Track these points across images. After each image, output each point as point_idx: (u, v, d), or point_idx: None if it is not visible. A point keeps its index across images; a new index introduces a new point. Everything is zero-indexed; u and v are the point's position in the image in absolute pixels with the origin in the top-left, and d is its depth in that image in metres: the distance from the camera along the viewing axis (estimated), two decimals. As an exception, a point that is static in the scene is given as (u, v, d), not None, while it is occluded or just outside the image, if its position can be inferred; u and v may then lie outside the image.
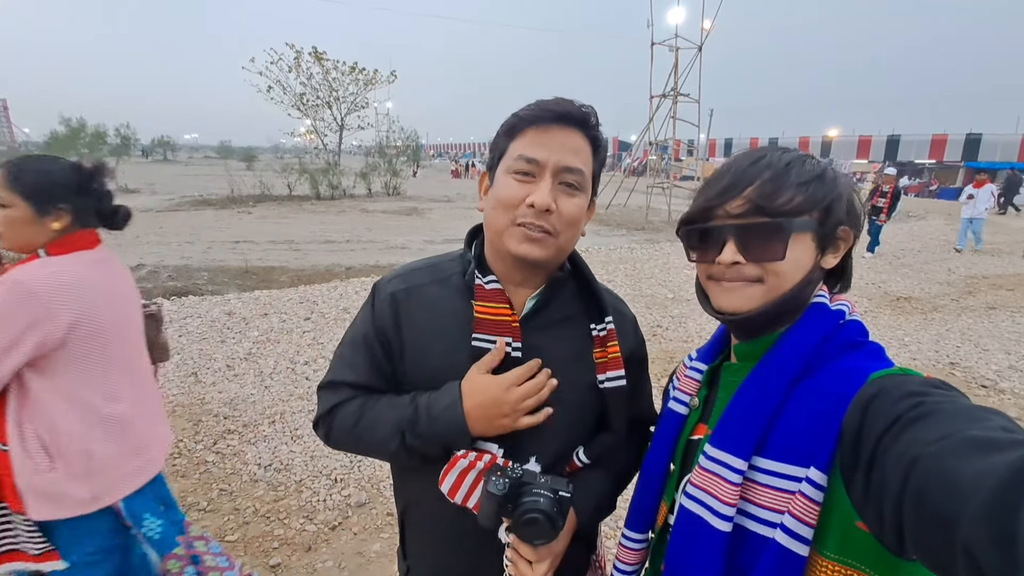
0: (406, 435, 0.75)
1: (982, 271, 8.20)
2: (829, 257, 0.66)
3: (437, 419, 0.74)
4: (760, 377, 0.62)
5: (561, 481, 0.71)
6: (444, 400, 0.75)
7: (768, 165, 0.63)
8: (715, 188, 0.66)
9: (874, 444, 0.49)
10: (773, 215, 0.62)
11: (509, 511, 0.69)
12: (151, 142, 52.15)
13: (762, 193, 0.62)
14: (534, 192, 0.72)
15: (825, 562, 0.55)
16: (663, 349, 4.51)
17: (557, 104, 0.74)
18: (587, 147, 0.76)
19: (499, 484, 0.67)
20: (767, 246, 0.62)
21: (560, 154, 0.73)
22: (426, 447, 0.75)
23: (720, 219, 0.65)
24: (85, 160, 1.33)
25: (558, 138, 0.74)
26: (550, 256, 0.76)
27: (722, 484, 0.60)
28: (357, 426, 0.79)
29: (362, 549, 2.19)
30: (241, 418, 3.17)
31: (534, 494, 0.68)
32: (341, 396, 0.82)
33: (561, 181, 0.74)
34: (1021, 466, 0.36)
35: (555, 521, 0.67)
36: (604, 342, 0.81)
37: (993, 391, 3.89)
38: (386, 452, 0.78)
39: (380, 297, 0.83)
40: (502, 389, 0.73)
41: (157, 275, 6.30)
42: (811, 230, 0.63)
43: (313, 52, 21.35)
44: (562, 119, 0.74)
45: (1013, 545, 0.33)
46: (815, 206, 0.62)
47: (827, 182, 0.64)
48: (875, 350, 0.62)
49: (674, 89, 14.08)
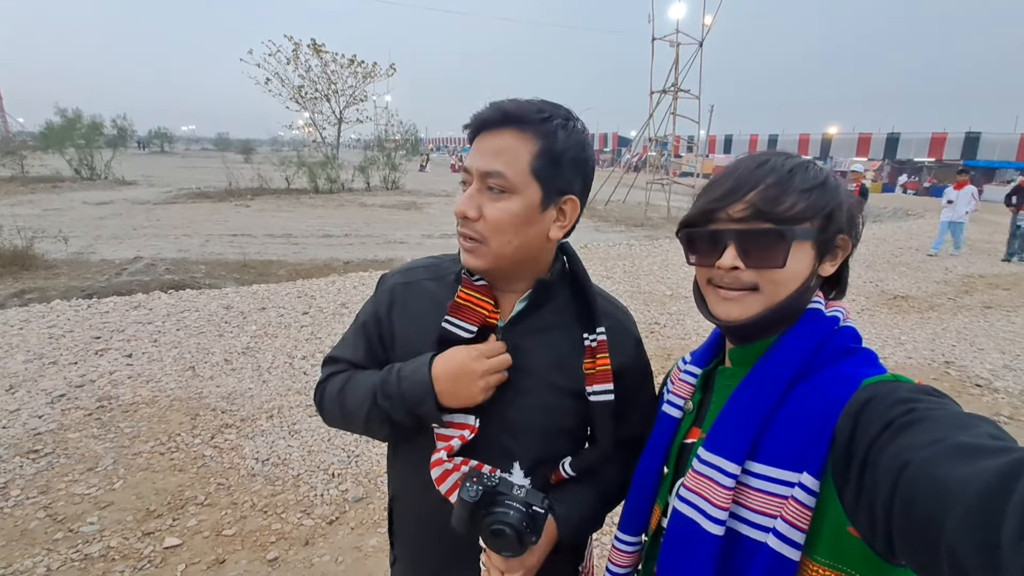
0: (377, 395, 0.77)
1: (979, 271, 8.24)
2: (827, 265, 0.66)
3: (404, 379, 0.76)
4: (754, 382, 0.63)
5: (537, 496, 0.69)
6: (415, 363, 0.77)
7: (772, 170, 0.63)
8: (717, 191, 0.65)
9: (866, 450, 0.49)
10: (776, 221, 0.61)
11: (480, 517, 0.68)
12: (148, 134, 51.75)
13: (765, 198, 0.62)
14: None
15: (816, 567, 0.55)
16: (660, 346, 4.52)
17: (486, 109, 0.75)
18: (522, 145, 0.72)
19: (472, 491, 0.67)
20: (768, 253, 0.62)
21: (482, 159, 0.73)
22: (393, 409, 0.76)
23: (721, 223, 0.64)
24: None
25: (485, 143, 0.74)
26: (487, 265, 0.75)
27: (715, 488, 0.60)
28: (342, 391, 0.83)
29: (359, 544, 2.20)
30: (239, 412, 3.17)
31: (506, 505, 0.67)
32: (336, 368, 0.88)
33: (487, 186, 0.73)
34: (1006, 472, 0.36)
35: (523, 536, 0.66)
36: (594, 353, 0.80)
37: (987, 390, 3.91)
38: (360, 416, 0.80)
39: (383, 288, 0.88)
40: (471, 357, 0.74)
41: (154, 268, 6.28)
42: (812, 238, 0.62)
43: (312, 44, 21.18)
44: (490, 123, 0.73)
45: (996, 550, 0.34)
46: (817, 213, 0.62)
47: (829, 189, 0.63)
48: (868, 356, 0.62)
49: (674, 85, 14.04)
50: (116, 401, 3.22)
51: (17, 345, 3.91)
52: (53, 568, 1.98)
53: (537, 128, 0.72)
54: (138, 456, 2.69)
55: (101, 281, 5.64)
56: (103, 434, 2.87)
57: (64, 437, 2.82)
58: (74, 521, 2.22)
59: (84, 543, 2.10)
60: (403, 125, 22.68)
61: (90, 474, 2.53)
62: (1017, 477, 0.35)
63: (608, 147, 52.61)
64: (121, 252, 7.09)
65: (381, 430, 0.81)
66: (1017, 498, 0.34)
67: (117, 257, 6.78)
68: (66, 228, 7.92)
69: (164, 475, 2.56)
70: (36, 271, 5.93)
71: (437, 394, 0.74)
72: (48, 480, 2.47)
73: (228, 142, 55.53)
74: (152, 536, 2.17)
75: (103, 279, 5.74)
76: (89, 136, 18.56)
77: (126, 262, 6.52)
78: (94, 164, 17.32)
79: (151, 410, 3.15)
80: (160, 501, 2.37)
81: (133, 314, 4.68)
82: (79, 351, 3.86)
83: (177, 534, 2.18)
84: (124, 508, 2.32)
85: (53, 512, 2.27)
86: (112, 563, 2.02)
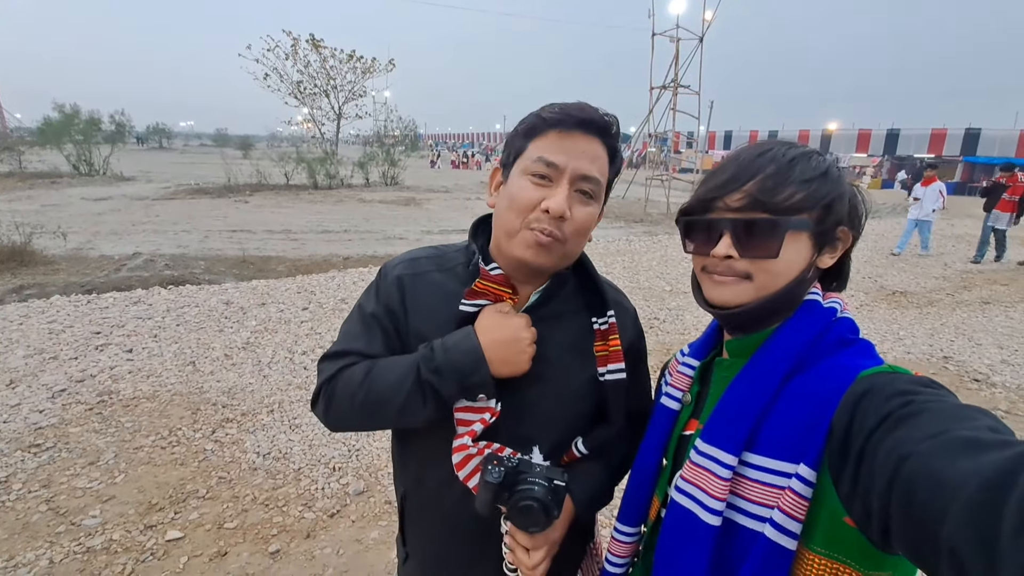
0: (421, 369, 0.73)
1: (977, 266, 8.25)
2: (826, 257, 0.65)
3: (451, 349, 0.73)
4: (752, 373, 0.63)
5: (557, 470, 0.71)
6: (458, 335, 0.75)
7: (772, 159, 0.63)
8: (717, 180, 0.65)
9: (863, 441, 0.49)
10: (771, 211, 0.61)
11: (505, 499, 0.70)
12: (146, 129, 51.60)
13: (763, 188, 0.61)
14: (550, 197, 0.71)
15: (812, 556, 0.56)
16: (660, 341, 4.53)
17: (581, 110, 0.73)
18: (605, 156, 0.76)
19: (495, 472, 0.68)
20: (761, 242, 0.62)
21: (580, 161, 0.72)
22: (443, 381, 0.72)
23: (719, 211, 0.64)
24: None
25: (579, 144, 0.73)
26: (553, 263, 0.76)
27: (712, 479, 0.60)
28: (367, 379, 0.76)
29: (360, 536, 2.21)
30: (239, 407, 3.18)
31: (529, 483, 0.69)
32: (349, 360, 0.80)
33: (577, 188, 0.73)
34: (1005, 467, 0.36)
35: (549, 509, 0.68)
36: (605, 335, 0.82)
37: (985, 385, 3.93)
38: (398, 397, 0.74)
39: (387, 279, 0.83)
40: (522, 326, 0.75)
41: (153, 264, 6.27)
42: (808, 230, 0.62)
43: (310, 39, 21.08)
44: (585, 125, 0.73)
45: (995, 545, 0.34)
46: (815, 204, 0.62)
47: (830, 180, 0.63)
48: (865, 347, 0.63)
49: (674, 80, 14.00)
50: (117, 396, 3.23)
51: (17, 340, 3.91)
52: (56, 561, 1.99)
53: (614, 142, 0.77)
54: (139, 450, 2.70)
55: (100, 277, 5.63)
56: (104, 428, 2.88)
57: (65, 431, 2.82)
58: (76, 514, 2.23)
59: (86, 536, 2.11)
60: (402, 121, 22.62)
61: (92, 468, 2.54)
62: (1017, 472, 0.35)
63: (608, 143, 52.36)
64: (120, 248, 7.09)
65: (421, 411, 0.74)
66: (1018, 492, 0.34)
67: (116, 253, 6.78)
68: (65, 224, 7.90)
69: (165, 469, 2.57)
70: (35, 267, 5.92)
71: (488, 362, 0.73)
72: (50, 474, 2.48)
73: (227, 138, 55.26)
74: (154, 529, 2.18)
75: (102, 275, 5.73)
76: (87, 132, 18.49)
77: (125, 258, 6.51)
78: (92, 160, 17.26)
79: (152, 405, 3.16)
80: (162, 495, 2.38)
81: (133, 309, 4.68)
82: (79, 346, 3.87)
83: (179, 527, 2.20)
84: (126, 501, 2.33)
85: (55, 505, 2.28)
86: (114, 556, 2.03)
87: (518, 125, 0.78)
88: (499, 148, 2.18)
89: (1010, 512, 0.34)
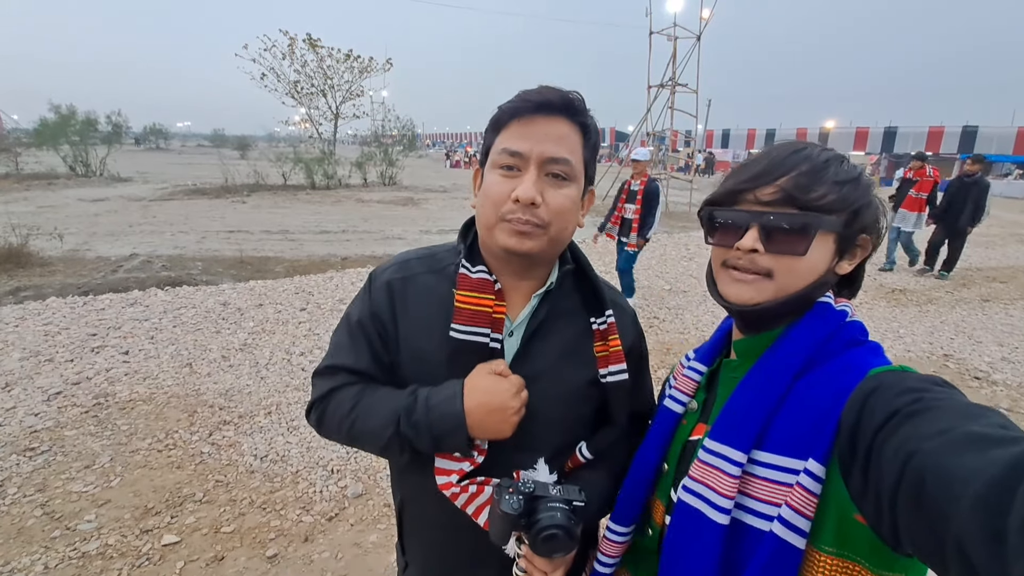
0: (401, 422, 0.73)
1: (976, 263, 8.25)
2: (845, 263, 0.66)
3: (434, 408, 0.72)
4: (763, 371, 0.62)
5: (573, 489, 0.69)
6: (444, 392, 0.73)
7: (807, 158, 0.62)
8: (748, 173, 0.64)
9: (872, 437, 0.49)
10: (803, 208, 0.61)
11: (523, 526, 0.67)
12: (143, 130, 51.38)
13: (797, 184, 0.61)
14: (519, 186, 0.70)
15: (823, 556, 0.55)
16: (660, 341, 4.52)
17: (538, 93, 0.72)
18: (574, 134, 0.74)
19: (513, 502, 0.65)
20: (791, 239, 0.61)
21: (543, 144, 0.71)
22: (419, 438, 0.72)
23: (748, 204, 0.64)
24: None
25: (541, 128, 0.71)
26: (542, 247, 0.74)
27: (721, 477, 0.60)
28: (353, 411, 0.77)
29: (359, 540, 2.19)
30: (237, 409, 3.16)
31: (549, 508, 0.66)
32: (339, 381, 0.80)
33: (547, 172, 0.72)
34: (1014, 464, 0.36)
35: (572, 533, 0.66)
36: (605, 336, 0.81)
37: (986, 383, 3.92)
38: (379, 441, 0.75)
39: (376, 285, 0.82)
40: (511, 394, 0.71)
41: (150, 265, 6.24)
42: (836, 231, 0.62)
43: (307, 39, 21.03)
44: (543, 108, 0.72)
45: (1003, 542, 0.34)
46: (846, 207, 0.62)
47: (861, 186, 0.63)
48: (875, 348, 0.63)
49: (672, 79, 13.97)
50: (113, 398, 3.20)
51: (13, 343, 3.88)
52: (51, 566, 1.97)
53: (583, 119, 0.75)
54: (136, 453, 2.68)
55: (97, 278, 5.60)
56: (100, 431, 2.85)
57: (61, 435, 2.80)
58: (72, 519, 2.21)
59: (82, 541, 2.09)
60: (400, 120, 22.60)
61: (87, 471, 2.52)
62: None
63: (606, 142, 52.57)
64: (117, 249, 7.05)
65: (400, 456, 0.77)
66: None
67: (113, 254, 6.74)
68: (61, 225, 7.88)
69: (162, 472, 2.55)
70: (31, 268, 5.88)
71: (468, 427, 0.71)
72: (45, 478, 2.45)
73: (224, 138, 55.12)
74: (150, 533, 2.15)
75: (99, 276, 5.70)
76: (84, 133, 18.43)
77: (122, 259, 6.47)
78: (89, 161, 17.19)
79: (148, 407, 3.13)
80: (158, 498, 2.36)
81: (129, 311, 4.65)
82: (75, 348, 3.84)
83: (175, 531, 2.17)
84: (122, 506, 2.30)
85: (50, 510, 2.25)
86: (110, 561, 2.01)
87: (488, 122, 0.77)
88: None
89: (1018, 507, 0.34)
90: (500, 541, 0.69)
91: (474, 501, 0.74)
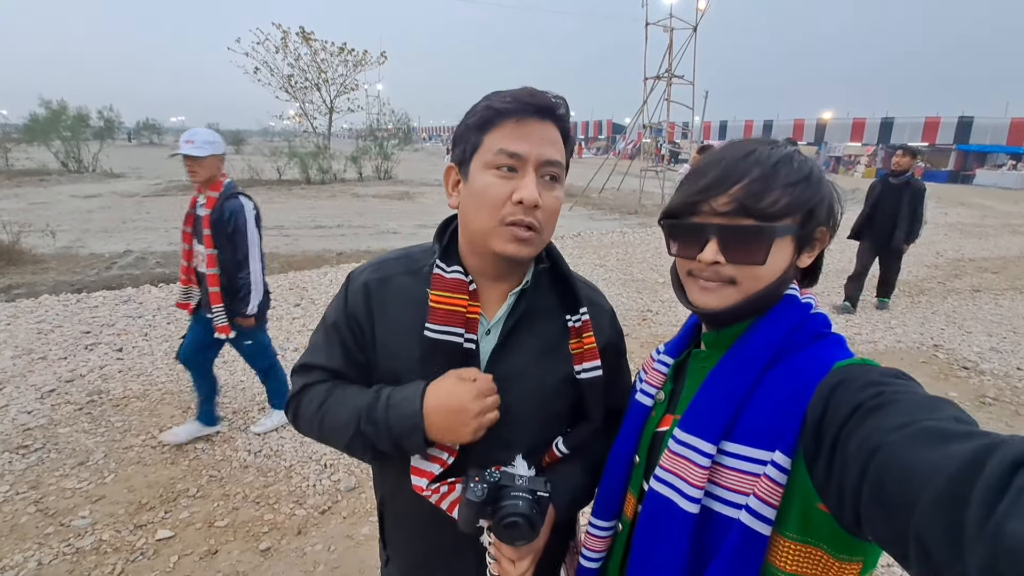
0: (361, 420, 0.74)
1: (969, 254, 8.30)
2: (804, 256, 0.67)
3: (393, 407, 0.72)
4: (732, 364, 0.64)
5: (539, 481, 0.71)
6: (405, 391, 0.73)
7: (757, 162, 0.62)
8: (701, 182, 0.65)
9: (836, 431, 0.51)
10: (758, 218, 0.62)
11: (489, 514, 0.69)
12: (136, 125, 50.90)
13: (749, 192, 0.61)
14: (520, 188, 0.70)
15: (786, 542, 0.57)
16: (653, 333, 4.54)
17: (532, 96, 0.72)
18: (560, 138, 0.75)
19: (477, 490, 0.67)
20: (749, 249, 0.62)
21: (542, 147, 0.72)
22: (377, 436, 0.72)
23: (704, 215, 0.64)
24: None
25: (536, 131, 0.72)
26: (537, 252, 0.76)
27: (691, 467, 0.61)
28: (321, 408, 0.79)
29: (351, 532, 2.22)
30: (231, 405, 3.17)
31: (513, 497, 0.68)
32: (312, 378, 0.82)
33: (543, 174, 0.73)
34: (971, 459, 0.38)
35: (534, 522, 0.67)
36: (580, 333, 0.81)
37: (974, 372, 3.96)
38: (344, 437, 0.76)
39: (353, 287, 0.82)
40: (471, 397, 0.70)
41: (144, 261, 6.21)
42: (792, 234, 0.63)
43: (301, 32, 20.81)
44: (540, 112, 0.72)
45: (960, 534, 0.35)
46: (799, 209, 0.63)
47: (813, 183, 0.63)
48: (838, 340, 0.64)
49: (669, 70, 13.91)
50: (107, 395, 3.21)
51: (5, 341, 3.87)
52: (45, 562, 1.98)
53: (567, 124, 0.76)
54: (129, 450, 2.69)
55: (90, 275, 5.58)
56: (94, 428, 2.86)
57: (54, 432, 2.81)
58: (65, 515, 2.22)
59: (76, 537, 2.11)
60: (395, 114, 22.44)
61: (81, 468, 2.53)
62: (982, 463, 0.37)
63: (603, 134, 52.32)
64: (110, 246, 7.02)
65: (364, 455, 0.78)
66: (982, 484, 0.36)
67: (106, 251, 6.71)
68: (54, 222, 7.82)
69: (156, 468, 2.57)
70: (23, 266, 5.85)
71: (426, 428, 0.70)
72: (39, 475, 2.47)
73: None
74: (144, 529, 2.17)
75: (92, 273, 5.68)
76: (75, 128, 18.21)
77: (116, 256, 6.44)
78: (81, 157, 17.04)
79: (142, 404, 3.14)
80: (152, 494, 2.37)
81: (123, 308, 4.64)
82: (68, 346, 3.84)
83: (169, 526, 2.19)
84: (116, 501, 2.32)
85: (44, 507, 2.27)
86: (104, 556, 2.03)
87: (467, 118, 0.75)
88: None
89: (975, 503, 0.35)
90: (467, 528, 0.71)
91: (447, 498, 0.75)
